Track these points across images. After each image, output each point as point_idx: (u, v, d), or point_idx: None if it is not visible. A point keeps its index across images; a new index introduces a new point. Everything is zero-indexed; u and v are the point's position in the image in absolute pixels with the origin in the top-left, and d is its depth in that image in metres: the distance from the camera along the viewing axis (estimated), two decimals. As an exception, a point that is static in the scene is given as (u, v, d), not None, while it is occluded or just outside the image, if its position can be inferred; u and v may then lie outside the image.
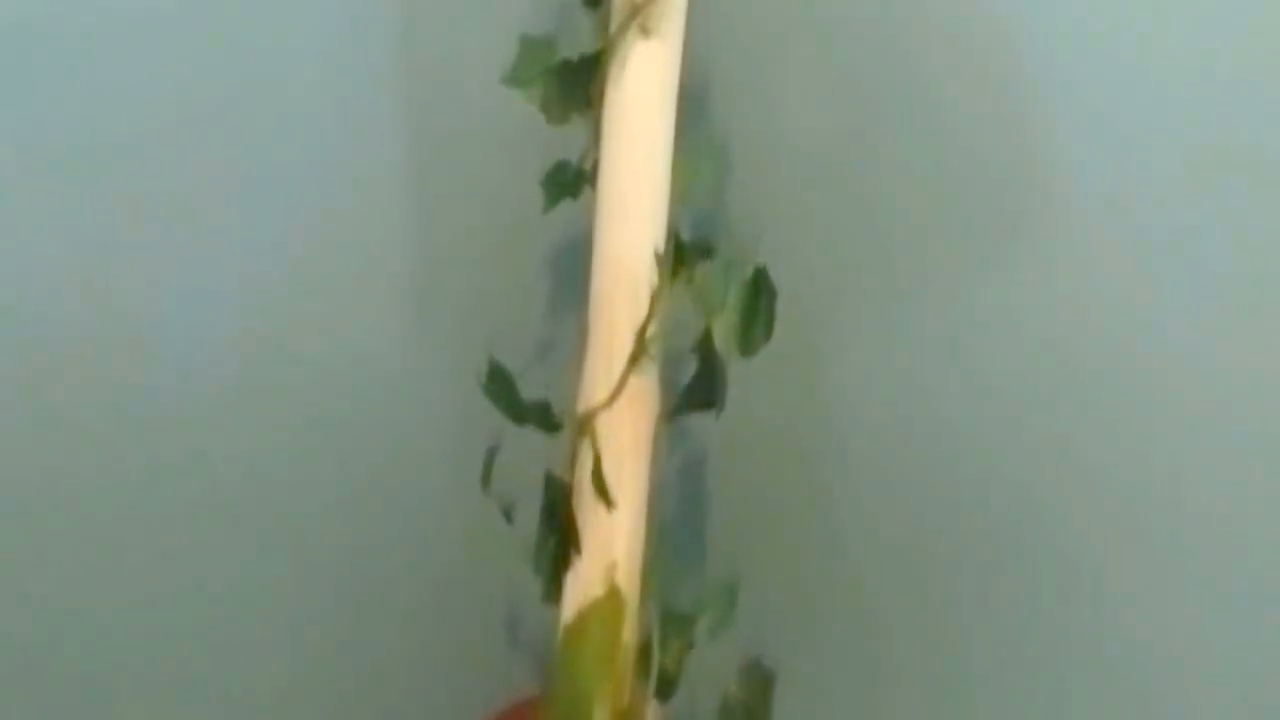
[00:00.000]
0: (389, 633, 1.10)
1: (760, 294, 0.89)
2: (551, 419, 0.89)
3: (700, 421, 0.98)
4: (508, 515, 0.93)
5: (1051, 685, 1.01)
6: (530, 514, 0.96)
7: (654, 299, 0.89)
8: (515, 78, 0.93)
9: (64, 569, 1.09)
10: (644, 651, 0.90)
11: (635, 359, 0.88)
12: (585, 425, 0.89)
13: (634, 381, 0.89)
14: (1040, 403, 1.03)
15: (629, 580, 0.88)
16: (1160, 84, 1.01)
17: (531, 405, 0.89)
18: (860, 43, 1.06)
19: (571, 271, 1.02)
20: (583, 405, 0.90)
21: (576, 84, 0.94)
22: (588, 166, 0.97)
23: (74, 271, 1.09)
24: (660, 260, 0.89)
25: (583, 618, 0.87)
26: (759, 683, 0.95)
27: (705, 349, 0.89)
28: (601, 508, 0.87)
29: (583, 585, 0.88)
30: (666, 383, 0.93)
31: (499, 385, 0.89)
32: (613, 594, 0.87)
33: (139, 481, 1.09)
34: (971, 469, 1.04)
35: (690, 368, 0.95)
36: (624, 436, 0.89)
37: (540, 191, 0.97)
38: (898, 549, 1.06)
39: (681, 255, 0.97)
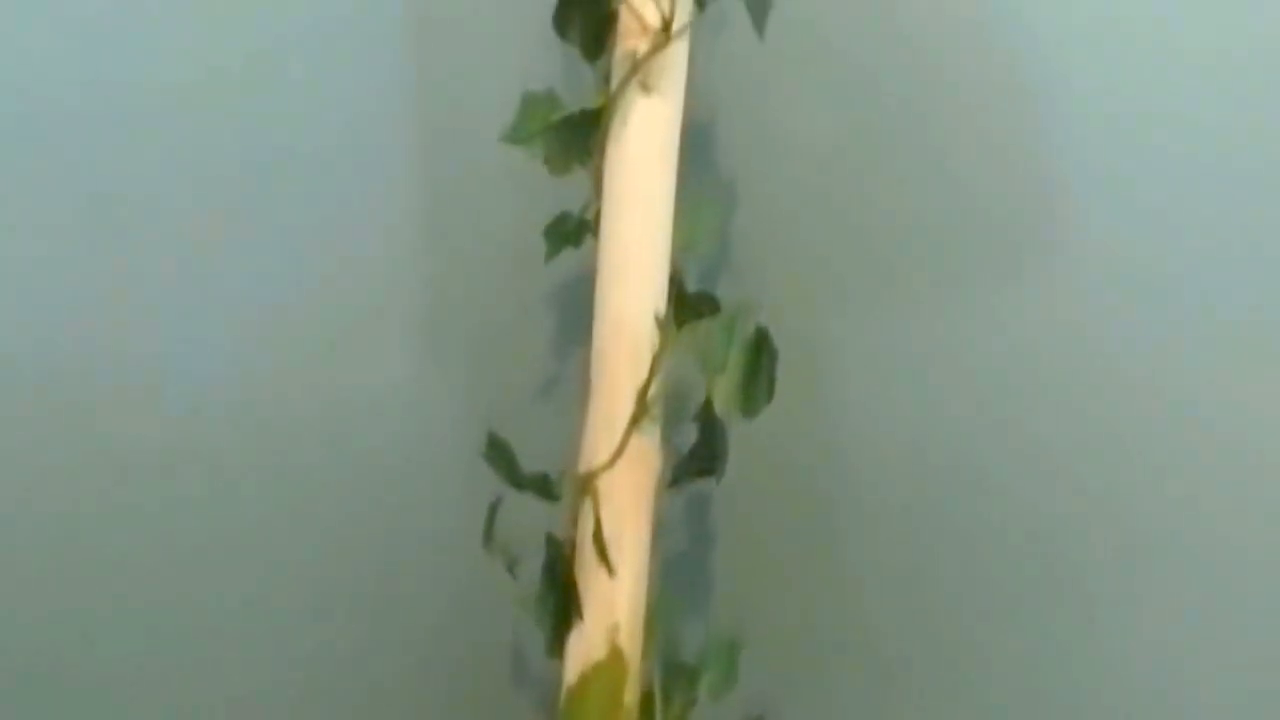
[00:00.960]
0: (392, 675, 1.10)
1: (762, 354, 0.89)
2: (551, 488, 0.89)
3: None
4: (511, 569, 0.93)
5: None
6: (536, 562, 0.96)
7: (655, 361, 0.88)
8: (516, 135, 0.93)
9: (64, 612, 1.10)
10: (646, 707, 0.90)
11: (636, 420, 0.88)
12: (586, 485, 0.89)
13: (635, 442, 0.89)
14: (1059, 437, 1.04)
15: (631, 641, 0.88)
16: (1170, 93, 1.01)
17: (531, 475, 0.89)
18: (864, 73, 1.05)
19: (578, 309, 1.01)
20: (584, 465, 0.90)
21: (577, 138, 0.94)
22: (590, 217, 0.97)
23: (81, 313, 1.10)
24: (662, 323, 0.89)
25: (585, 680, 0.87)
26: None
27: (706, 415, 0.89)
28: (603, 570, 0.87)
29: (585, 647, 0.88)
30: (669, 440, 0.93)
31: (498, 455, 0.90)
32: (615, 656, 0.87)
33: (142, 522, 1.10)
34: (989, 510, 1.04)
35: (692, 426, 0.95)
36: (625, 497, 0.89)
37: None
38: (909, 596, 1.06)
39: (683, 308, 0.97)
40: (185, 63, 1.10)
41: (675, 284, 0.96)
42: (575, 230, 0.98)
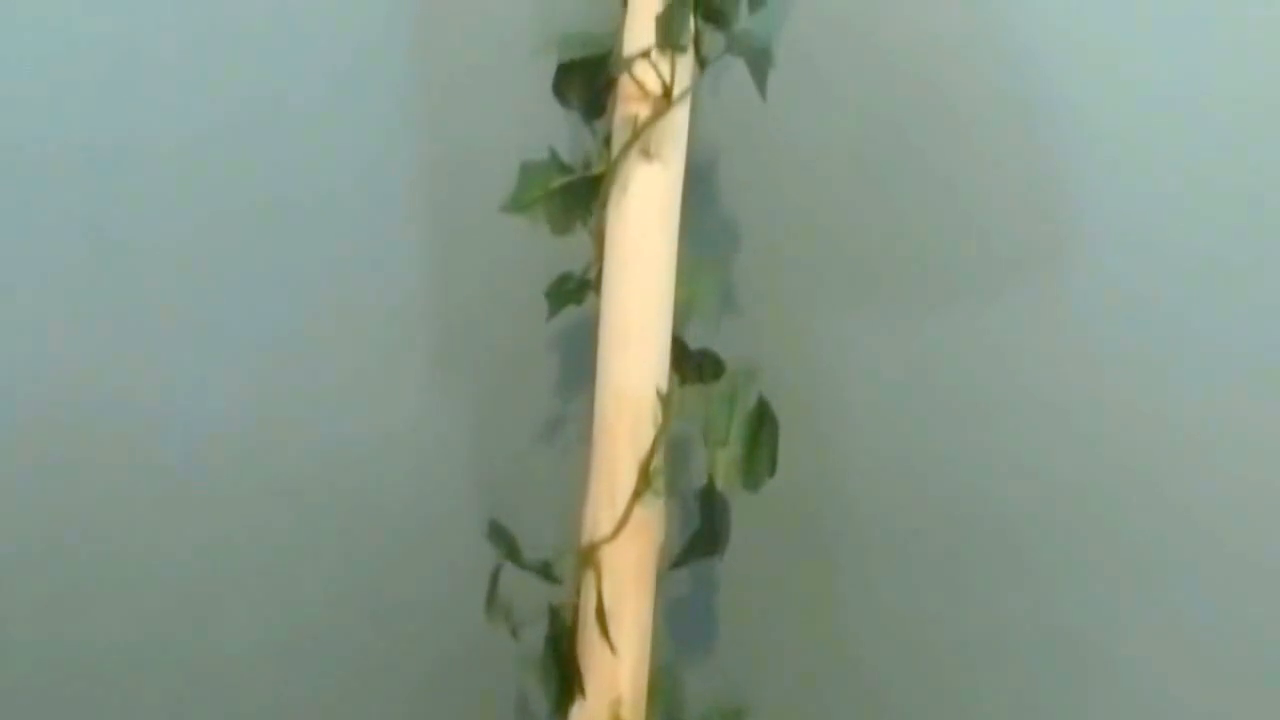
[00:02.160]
0: (399, 716, 1.12)
1: (763, 426, 0.89)
2: (552, 571, 0.90)
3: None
4: (514, 633, 0.94)
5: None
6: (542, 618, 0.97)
7: (657, 436, 0.89)
8: (516, 203, 0.93)
9: (73, 649, 1.11)
10: (651, 777, 0.91)
11: (639, 494, 0.89)
12: (589, 558, 0.89)
13: (638, 514, 0.90)
14: (1063, 463, 1.04)
15: (634, 713, 0.89)
16: (1170, 109, 1.01)
17: (533, 559, 0.90)
18: (864, 96, 1.06)
19: (582, 352, 1.02)
20: (586, 536, 0.91)
21: (578, 202, 0.94)
22: (591, 276, 0.97)
23: (90, 357, 1.10)
24: (664, 398, 0.89)
25: (590, 753, 0.88)
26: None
27: (708, 494, 0.89)
28: (605, 644, 0.88)
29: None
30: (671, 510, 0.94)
31: (500, 538, 0.90)
32: (618, 729, 0.88)
33: (152, 562, 1.11)
34: (986, 532, 1.04)
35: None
36: (628, 569, 0.90)
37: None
38: (906, 633, 1.07)
39: (686, 367, 0.97)
40: (199, 113, 1.10)
41: (677, 343, 0.96)
42: (577, 290, 0.98)
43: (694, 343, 0.97)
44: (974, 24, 1.04)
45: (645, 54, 0.88)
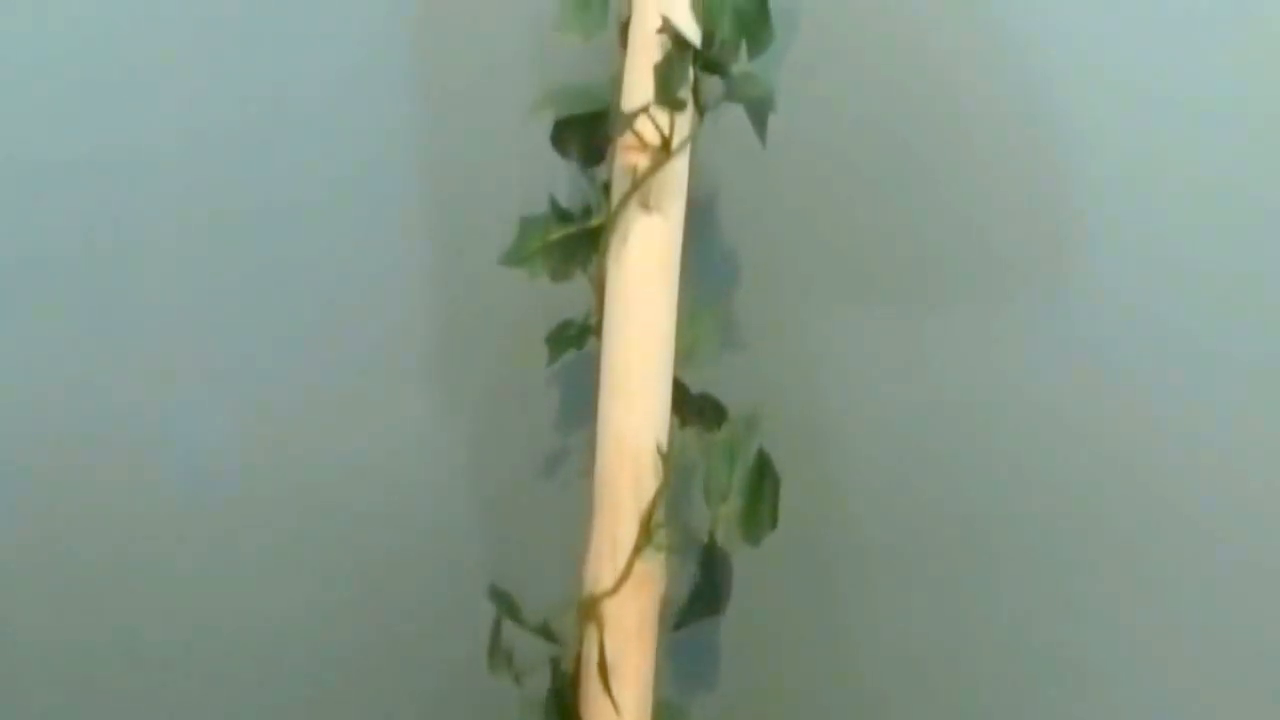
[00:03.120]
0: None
1: (764, 480, 0.90)
2: (552, 633, 0.90)
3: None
4: (517, 679, 0.95)
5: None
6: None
7: (658, 493, 0.89)
8: (515, 257, 0.93)
9: (75, 665, 1.11)
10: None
11: (640, 548, 0.89)
12: (590, 611, 0.90)
13: (639, 567, 0.90)
14: (1070, 488, 1.04)
15: (636, 765, 0.89)
16: (1181, 114, 1.01)
17: (536, 623, 0.90)
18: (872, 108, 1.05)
19: (584, 382, 1.02)
20: (588, 589, 0.91)
21: (577, 252, 0.94)
22: (591, 322, 0.97)
23: (89, 376, 1.11)
24: (664, 455, 0.89)
25: (593, 804, 0.89)
26: None
27: (710, 552, 0.90)
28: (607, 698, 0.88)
29: (591, 772, 0.90)
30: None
31: (500, 600, 0.90)
32: (621, 781, 0.89)
33: (153, 578, 1.11)
34: (987, 539, 1.04)
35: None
36: (629, 621, 0.90)
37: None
38: (914, 665, 1.07)
39: (686, 411, 0.98)
40: (199, 130, 1.09)
41: (678, 386, 0.96)
42: (578, 335, 0.98)
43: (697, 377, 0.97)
44: (977, 37, 1.03)
45: (645, 108, 0.88)
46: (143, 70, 1.09)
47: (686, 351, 0.95)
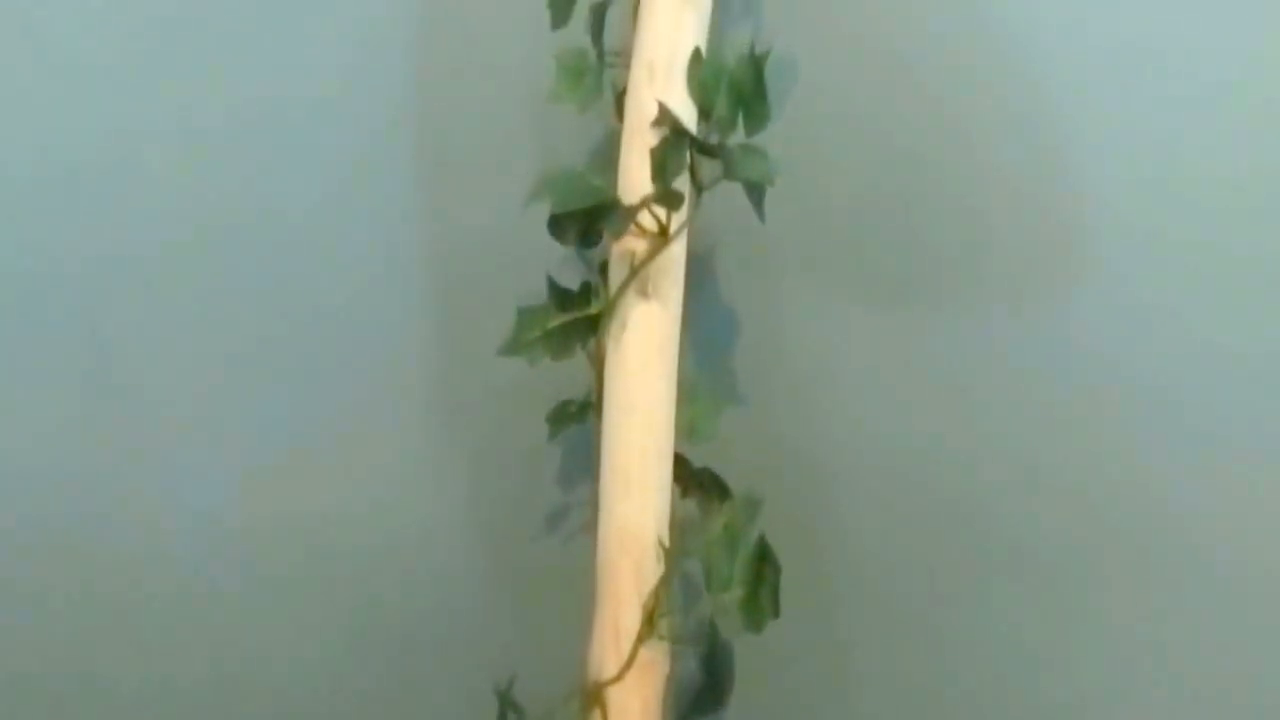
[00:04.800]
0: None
1: (765, 567, 0.90)
2: (559, 729, 0.91)
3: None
4: (524, 757, 0.96)
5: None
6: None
7: (660, 583, 0.89)
8: (514, 347, 0.93)
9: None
10: None
11: (643, 638, 0.90)
12: (595, 698, 0.90)
13: (643, 654, 0.91)
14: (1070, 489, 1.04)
15: None
16: (1190, 118, 1.01)
17: (540, 715, 0.91)
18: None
19: (585, 442, 1.02)
20: (592, 675, 0.92)
21: (576, 336, 0.94)
22: (591, 399, 0.98)
23: (89, 458, 1.11)
24: (666, 549, 0.89)
25: None
26: None
27: (712, 643, 0.90)
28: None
29: None
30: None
31: (506, 702, 0.91)
32: None
33: (160, 625, 1.13)
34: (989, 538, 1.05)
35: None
36: (634, 709, 0.91)
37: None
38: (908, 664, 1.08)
39: (688, 484, 0.98)
40: (191, 217, 1.09)
41: (680, 460, 0.96)
42: (578, 412, 0.98)
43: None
44: (978, 44, 1.02)
45: (642, 205, 0.87)
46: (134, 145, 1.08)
47: (687, 429, 0.95)
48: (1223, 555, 1.03)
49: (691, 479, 0.98)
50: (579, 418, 0.98)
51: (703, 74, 0.93)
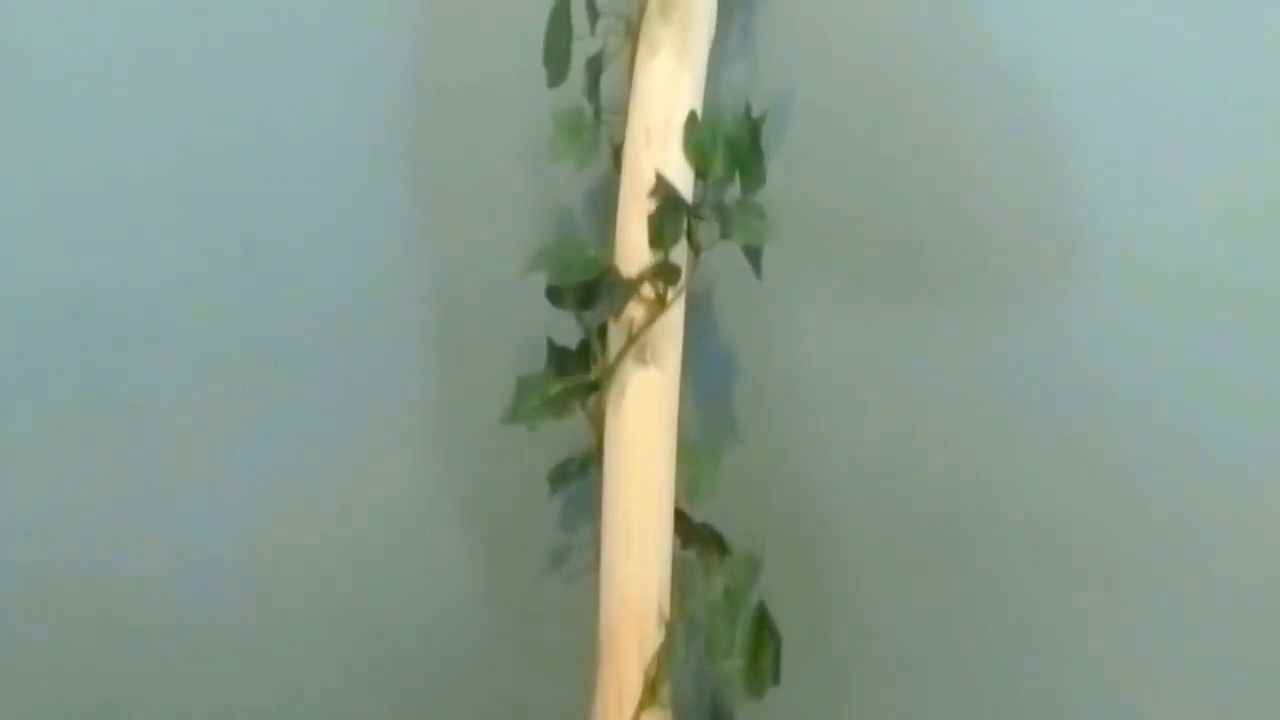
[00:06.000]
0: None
1: (765, 633, 0.91)
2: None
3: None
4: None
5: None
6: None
7: (660, 654, 0.90)
8: (514, 416, 0.93)
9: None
10: None
11: (645, 706, 0.90)
12: (599, 764, 0.91)
13: (646, 716, 0.91)
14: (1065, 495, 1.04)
15: None
16: (1189, 123, 1.00)
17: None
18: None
19: (586, 485, 1.03)
20: (596, 739, 0.93)
21: (575, 399, 0.94)
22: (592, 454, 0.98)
23: (94, 506, 1.11)
24: (667, 621, 0.90)
25: None
26: None
27: (714, 714, 0.91)
28: None
29: None
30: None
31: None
32: None
33: (158, 672, 1.13)
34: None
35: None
36: (638, 768, 0.92)
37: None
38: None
39: (688, 537, 0.99)
40: (190, 257, 1.09)
41: (681, 516, 0.97)
42: (579, 470, 0.99)
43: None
44: (978, 50, 1.02)
45: (640, 280, 0.87)
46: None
47: (686, 488, 0.95)
48: (1217, 567, 1.03)
49: (691, 533, 0.98)
50: (580, 474, 0.98)
51: (699, 137, 0.93)
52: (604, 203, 1.01)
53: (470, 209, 1.08)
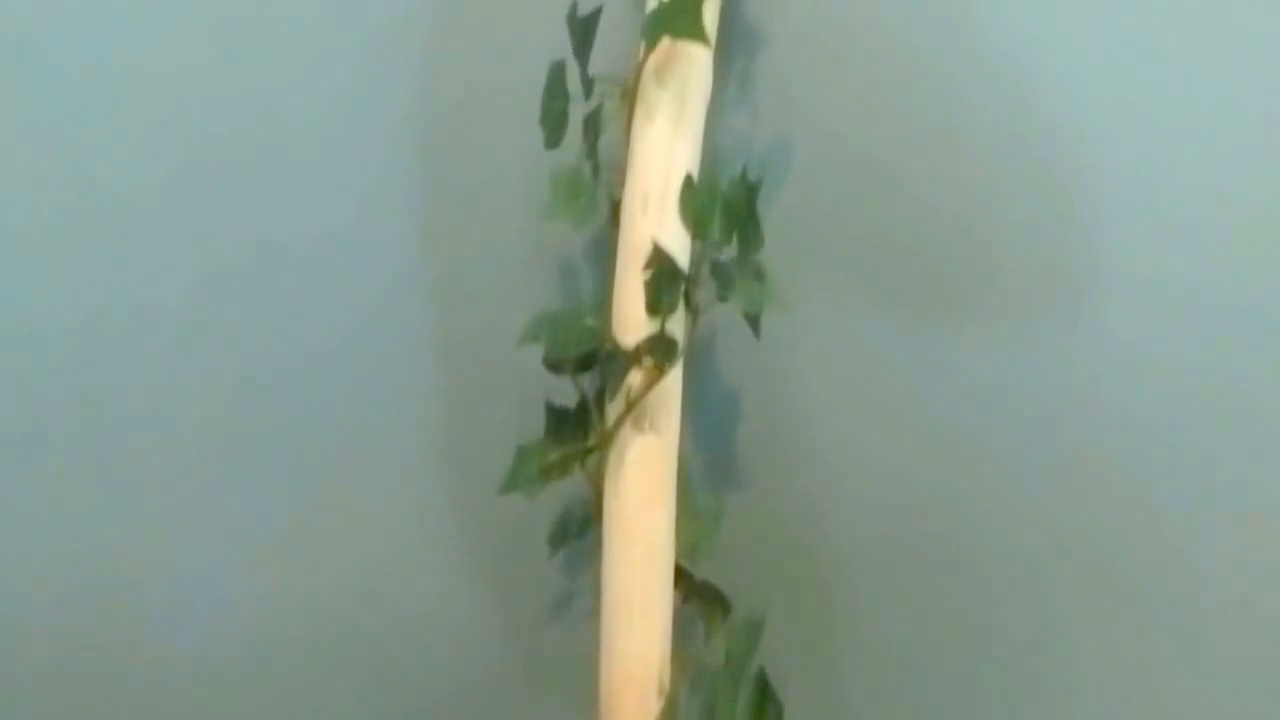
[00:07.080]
0: None
1: (766, 703, 0.91)
2: None
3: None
4: None
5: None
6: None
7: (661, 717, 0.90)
8: (513, 484, 0.93)
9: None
10: None
11: (647, 776, 0.91)
12: (602, 828, 0.92)
13: (648, 782, 0.92)
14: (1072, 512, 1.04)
15: None
16: (1194, 133, 0.99)
17: None
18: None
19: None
20: (600, 804, 0.93)
21: (574, 461, 0.94)
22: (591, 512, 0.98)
23: (96, 548, 1.12)
24: (666, 691, 0.90)
25: None
26: None
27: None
28: None
29: None
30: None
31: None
32: None
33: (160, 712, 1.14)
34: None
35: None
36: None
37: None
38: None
39: (690, 594, 0.99)
40: (187, 284, 1.09)
41: (682, 573, 0.97)
42: (579, 527, 0.99)
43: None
44: (980, 56, 1.01)
45: (637, 356, 0.87)
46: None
47: (688, 549, 0.96)
48: (1228, 586, 1.03)
49: (692, 590, 0.98)
50: (580, 534, 0.98)
51: (696, 202, 0.92)
52: (605, 251, 1.00)
53: (478, 212, 1.08)
